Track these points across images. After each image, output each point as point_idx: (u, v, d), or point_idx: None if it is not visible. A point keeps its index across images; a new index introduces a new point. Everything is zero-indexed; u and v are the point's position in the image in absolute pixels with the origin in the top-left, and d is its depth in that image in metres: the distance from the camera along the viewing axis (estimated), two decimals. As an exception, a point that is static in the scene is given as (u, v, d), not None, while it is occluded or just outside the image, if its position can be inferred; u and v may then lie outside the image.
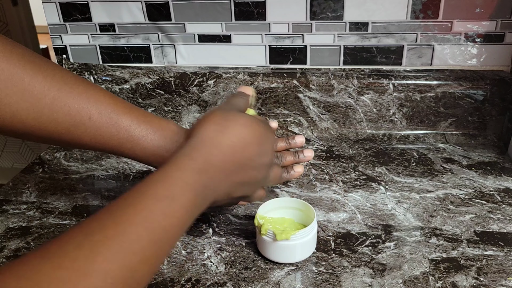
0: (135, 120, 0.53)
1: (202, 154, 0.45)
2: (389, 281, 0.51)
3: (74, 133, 0.51)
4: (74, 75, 0.53)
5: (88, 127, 0.51)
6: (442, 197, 0.65)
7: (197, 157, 0.44)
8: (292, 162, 0.60)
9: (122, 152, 0.54)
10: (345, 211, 0.63)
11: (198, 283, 0.52)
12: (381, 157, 0.76)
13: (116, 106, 0.53)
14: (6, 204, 0.67)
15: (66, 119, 0.50)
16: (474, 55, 0.79)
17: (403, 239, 0.57)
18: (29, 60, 0.48)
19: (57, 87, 0.49)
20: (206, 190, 0.44)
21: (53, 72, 0.50)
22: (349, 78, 0.80)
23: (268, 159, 0.52)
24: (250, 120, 0.50)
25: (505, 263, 0.53)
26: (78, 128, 0.51)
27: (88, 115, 0.51)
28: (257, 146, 0.49)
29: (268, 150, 0.52)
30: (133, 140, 0.53)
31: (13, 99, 0.47)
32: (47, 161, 0.79)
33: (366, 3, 0.77)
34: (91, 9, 0.84)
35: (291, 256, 0.53)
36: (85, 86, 0.52)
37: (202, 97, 0.84)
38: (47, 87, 0.48)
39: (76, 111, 0.50)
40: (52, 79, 0.49)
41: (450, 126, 0.80)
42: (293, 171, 0.59)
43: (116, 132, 0.52)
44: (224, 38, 0.83)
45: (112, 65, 0.88)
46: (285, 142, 0.61)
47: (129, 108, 0.54)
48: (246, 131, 0.48)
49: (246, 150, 0.48)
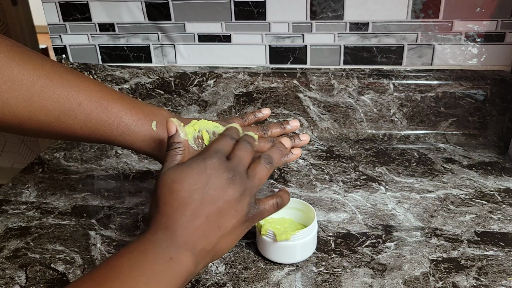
0: (125, 106, 0.53)
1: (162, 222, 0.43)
2: (389, 282, 0.50)
3: (65, 121, 0.51)
4: (63, 65, 0.53)
5: (78, 114, 0.51)
6: (442, 197, 0.65)
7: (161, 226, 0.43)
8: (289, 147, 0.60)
9: (114, 139, 0.54)
10: (345, 211, 0.63)
11: (198, 283, 0.51)
12: (381, 157, 0.76)
13: (106, 93, 0.53)
14: (5, 204, 0.67)
15: (56, 106, 0.50)
16: (474, 55, 0.79)
17: (404, 239, 0.57)
18: (18, 51, 0.49)
19: (46, 76, 0.50)
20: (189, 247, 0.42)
21: (42, 62, 0.50)
22: (349, 78, 0.80)
23: (223, 181, 0.45)
24: (182, 169, 0.45)
25: (506, 263, 0.53)
26: (68, 115, 0.51)
27: (77, 102, 0.51)
28: (196, 182, 0.44)
29: (217, 178, 0.45)
30: (124, 126, 0.53)
31: (3, 88, 0.47)
32: (47, 161, 0.79)
33: (367, 3, 0.77)
34: (90, 8, 0.84)
35: (291, 257, 0.53)
36: (75, 75, 0.52)
37: (202, 97, 0.84)
38: (36, 76, 0.49)
39: (66, 98, 0.50)
40: (42, 68, 0.50)
41: (451, 126, 0.80)
42: (291, 154, 0.58)
43: (107, 118, 0.52)
44: (224, 38, 0.83)
45: (112, 65, 0.87)
46: (279, 127, 0.61)
47: (120, 95, 0.54)
48: (179, 183, 0.44)
49: (191, 192, 0.44)
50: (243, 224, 0.46)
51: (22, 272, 0.54)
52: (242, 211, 0.45)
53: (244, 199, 0.45)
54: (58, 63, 0.53)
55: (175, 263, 0.41)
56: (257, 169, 0.48)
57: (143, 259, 0.40)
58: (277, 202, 0.48)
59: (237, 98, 0.83)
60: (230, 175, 0.45)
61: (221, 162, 0.45)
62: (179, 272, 0.41)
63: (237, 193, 0.44)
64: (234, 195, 0.44)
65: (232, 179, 0.45)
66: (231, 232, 0.45)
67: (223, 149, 0.47)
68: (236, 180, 0.45)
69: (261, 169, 0.48)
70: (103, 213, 0.64)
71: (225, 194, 0.44)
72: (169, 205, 0.43)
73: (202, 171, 0.44)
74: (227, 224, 0.44)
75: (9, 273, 0.54)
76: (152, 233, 0.42)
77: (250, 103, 0.83)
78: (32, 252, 0.57)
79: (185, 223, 0.42)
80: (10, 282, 0.53)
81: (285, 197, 0.50)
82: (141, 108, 0.55)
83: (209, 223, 0.43)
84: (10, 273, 0.54)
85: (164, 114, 0.56)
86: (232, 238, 0.45)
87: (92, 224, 0.62)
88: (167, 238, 0.42)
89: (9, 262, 0.56)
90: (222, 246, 0.45)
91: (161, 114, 0.56)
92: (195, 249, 0.42)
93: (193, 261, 0.42)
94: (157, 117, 0.55)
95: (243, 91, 0.83)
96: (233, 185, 0.44)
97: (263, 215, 0.48)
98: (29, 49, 0.51)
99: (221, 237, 0.44)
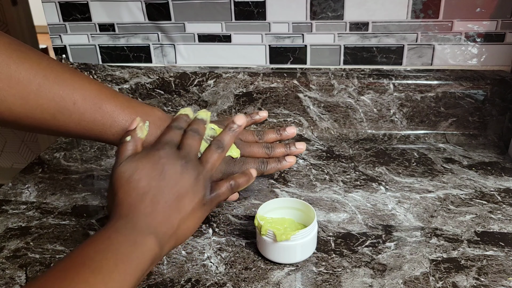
0: (119, 105, 0.54)
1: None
2: (389, 282, 0.50)
3: (59, 119, 0.52)
4: (60, 63, 0.54)
5: (73, 112, 0.52)
6: (442, 197, 0.65)
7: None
8: (283, 154, 0.61)
9: (107, 137, 0.54)
10: (345, 211, 0.63)
11: (198, 283, 0.51)
12: (381, 157, 0.76)
13: (100, 92, 0.54)
14: (5, 204, 0.67)
15: (51, 104, 0.51)
16: (474, 55, 0.79)
17: (404, 239, 0.57)
18: (15, 49, 0.49)
19: (43, 74, 0.50)
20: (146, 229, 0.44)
21: (39, 60, 0.51)
22: (349, 78, 0.80)
23: (172, 168, 0.48)
24: (129, 165, 0.48)
25: (506, 263, 0.53)
26: (63, 114, 0.52)
27: (72, 101, 0.52)
28: (144, 171, 0.47)
29: (168, 167, 0.48)
30: (117, 126, 0.54)
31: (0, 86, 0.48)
32: (47, 161, 0.79)
33: (367, 3, 0.77)
34: (90, 8, 0.84)
35: (291, 257, 0.53)
36: (71, 73, 0.53)
37: (202, 97, 0.84)
38: (33, 74, 0.49)
39: (61, 97, 0.51)
40: (38, 66, 0.50)
41: (451, 126, 0.80)
42: (285, 161, 0.60)
43: (101, 117, 0.53)
44: (224, 38, 0.83)
45: (112, 65, 0.87)
46: (275, 133, 0.62)
47: (114, 94, 0.55)
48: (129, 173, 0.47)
49: (138, 181, 0.46)
50: (202, 207, 0.49)
51: (22, 272, 0.54)
52: (199, 194, 0.48)
53: (199, 183, 0.49)
54: (55, 60, 0.53)
55: (140, 245, 0.42)
56: (208, 155, 0.52)
57: (108, 245, 0.41)
58: (231, 184, 0.52)
59: (237, 98, 0.83)
60: (183, 161, 0.49)
61: (173, 151, 0.49)
62: (145, 254, 0.42)
63: (191, 178, 0.48)
64: (189, 180, 0.48)
65: (185, 165, 0.48)
66: (191, 215, 0.47)
67: (173, 140, 0.51)
68: (189, 166, 0.48)
69: (212, 154, 0.52)
70: (103, 213, 0.64)
71: (181, 179, 0.47)
72: (128, 194, 0.45)
73: (156, 161, 0.48)
74: (186, 207, 0.47)
75: (9, 273, 0.54)
76: (113, 222, 0.44)
77: (250, 103, 0.83)
78: (32, 252, 0.57)
79: (146, 209, 0.44)
80: (10, 282, 0.53)
81: (240, 180, 0.53)
82: (135, 108, 0.55)
83: (168, 207, 0.46)
84: (10, 273, 0.54)
85: (158, 114, 0.57)
86: (193, 222, 0.48)
87: (92, 224, 0.62)
88: (129, 225, 0.43)
89: (9, 262, 0.56)
90: (184, 229, 0.47)
91: (154, 114, 0.56)
92: (158, 233, 0.44)
93: (157, 244, 0.43)
94: (151, 117, 0.56)
95: (243, 91, 0.83)
96: (187, 170, 0.48)
97: (220, 197, 0.51)
98: (26, 46, 0.51)
99: (182, 220, 0.46)
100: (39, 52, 0.53)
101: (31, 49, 0.52)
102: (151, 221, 0.44)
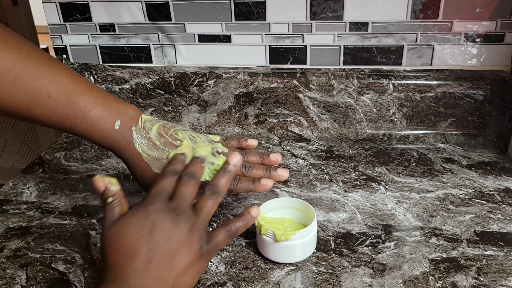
0: (92, 101, 0.53)
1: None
2: (389, 281, 0.51)
3: (33, 110, 0.52)
4: (41, 52, 0.53)
5: (46, 105, 0.52)
6: (442, 197, 0.65)
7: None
8: (260, 176, 0.57)
9: (78, 132, 0.54)
10: (345, 211, 0.63)
11: (198, 283, 0.52)
12: (381, 157, 0.76)
13: (76, 86, 0.53)
14: (6, 204, 0.67)
15: (26, 96, 0.51)
16: (474, 55, 0.79)
17: (403, 239, 0.57)
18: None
19: (21, 65, 0.50)
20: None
21: (19, 50, 0.51)
22: (349, 78, 0.80)
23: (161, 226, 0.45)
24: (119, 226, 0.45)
25: (505, 263, 0.53)
26: (37, 105, 0.52)
27: (47, 94, 0.52)
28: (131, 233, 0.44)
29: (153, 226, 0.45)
30: (88, 122, 0.53)
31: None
32: (47, 161, 0.79)
33: (366, 3, 0.77)
34: (91, 9, 0.84)
35: (291, 256, 0.53)
36: (49, 65, 0.53)
37: (202, 97, 0.84)
38: (11, 64, 0.50)
39: (36, 89, 0.51)
40: (18, 56, 0.50)
41: (450, 126, 0.80)
42: (259, 183, 0.56)
43: (72, 112, 0.53)
44: (224, 38, 0.83)
45: (112, 65, 0.88)
46: (258, 157, 0.59)
47: (90, 89, 0.54)
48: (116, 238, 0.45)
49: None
50: (199, 259, 0.45)
51: (23, 272, 0.54)
52: (194, 247, 0.45)
53: (194, 235, 0.45)
54: (36, 50, 0.53)
55: None
56: (202, 202, 0.47)
57: None
58: (228, 231, 0.48)
59: (237, 98, 0.83)
60: (174, 215, 0.45)
61: (162, 205, 0.46)
62: None
63: (184, 231, 0.44)
64: (181, 234, 0.44)
65: (176, 218, 0.45)
66: (188, 270, 0.44)
67: (164, 190, 0.48)
68: (180, 219, 0.45)
69: (206, 202, 0.48)
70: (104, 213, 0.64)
71: (172, 235, 0.44)
72: (115, 257, 0.43)
73: (144, 218, 0.44)
74: (181, 262, 0.44)
75: (10, 273, 0.54)
76: (104, 286, 0.42)
77: (250, 103, 0.83)
78: (32, 252, 0.57)
79: (136, 270, 0.42)
80: (11, 282, 0.53)
81: (237, 225, 0.48)
82: (107, 103, 0.54)
83: (161, 266, 0.43)
84: (10, 272, 0.54)
85: (131, 113, 0.55)
86: (191, 276, 0.45)
87: (93, 224, 0.62)
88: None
89: (9, 261, 0.56)
90: (181, 285, 0.44)
91: (127, 113, 0.55)
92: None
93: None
94: (123, 116, 0.54)
95: (243, 91, 0.83)
96: (179, 224, 0.45)
97: (218, 246, 0.47)
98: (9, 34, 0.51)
99: (177, 277, 0.43)
100: (23, 40, 0.52)
101: (13, 37, 0.51)
102: (143, 282, 0.42)
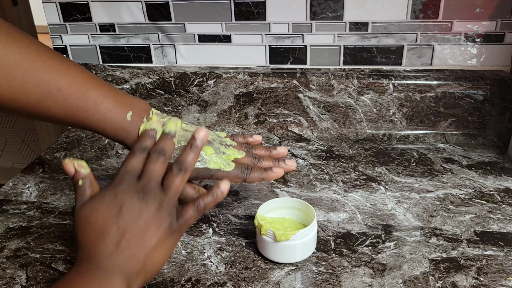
0: (103, 94, 0.54)
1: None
2: (389, 281, 0.51)
3: (44, 104, 0.52)
4: (51, 49, 0.54)
5: (57, 98, 0.52)
6: (442, 197, 0.65)
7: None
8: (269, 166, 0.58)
9: (90, 125, 0.54)
10: (345, 211, 0.63)
11: (198, 283, 0.52)
12: (381, 157, 0.76)
13: (86, 79, 0.54)
14: (6, 204, 0.67)
15: (36, 89, 0.51)
16: (474, 55, 0.79)
17: (403, 239, 0.57)
18: (6, 33, 0.50)
19: (31, 59, 0.50)
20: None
21: (28, 45, 0.51)
22: (349, 78, 0.80)
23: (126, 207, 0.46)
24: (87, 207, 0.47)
25: (505, 263, 0.53)
26: (47, 98, 0.52)
27: (57, 87, 0.52)
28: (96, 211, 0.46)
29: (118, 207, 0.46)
30: (100, 113, 0.53)
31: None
32: (47, 161, 0.79)
33: (366, 3, 0.77)
34: (91, 9, 0.84)
35: (291, 256, 0.53)
36: (59, 60, 0.53)
37: (202, 97, 0.84)
38: (20, 58, 0.50)
39: (46, 83, 0.51)
40: (27, 51, 0.50)
41: (450, 126, 0.80)
42: (271, 171, 0.57)
43: (84, 104, 0.53)
44: (224, 38, 0.84)
45: (112, 65, 0.88)
46: (265, 150, 0.61)
47: (100, 83, 0.55)
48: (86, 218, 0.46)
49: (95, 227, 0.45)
50: (170, 236, 0.46)
51: (23, 272, 0.54)
52: (163, 225, 0.46)
53: (162, 213, 0.46)
54: (45, 46, 0.53)
55: (106, 287, 0.41)
56: (170, 180, 0.48)
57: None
58: (197, 206, 0.48)
59: (237, 98, 0.83)
60: (141, 194, 0.46)
61: (130, 185, 0.47)
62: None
63: (152, 210, 0.45)
64: (149, 212, 0.45)
65: (144, 197, 0.46)
66: (159, 247, 0.45)
67: (133, 169, 0.48)
68: (148, 198, 0.46)
69: (174, 179, 0.48)
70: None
71: (140, 213, 0.45)
72: (86, 237, 0.44)
73: (113, 198, 0.46)
74: (151, 240, 0.45)
75: (10, 273, 0.54)
76: (77, 266, 0.43)
77: (250, 103, 0.83)
78: (32, 252, 0.57)
79: (106, 250, 0.43)
80: (11, 282, 0.53)
81: (206, 200, 0.48)
82: (119, 97, 0.55)
83: (131, 244, 0.44)
84: (10, 272, 0.54)
85: (142, 106, 0.56)
86: (162, 253, 0.46)
87: (93, 224, 0.62)
88: (93, 267, 0.42)
89: (9, 261, 0.56)
90: (153, 262, 0.45)
91: (139, 106, 0.55)
92: (123, 272, 0.43)
93: (124, 283, 0.42)
94: (135, 108, 0.55)
95: (243, 91, 0.83)
96: (146, 203, 0.46)
97: (188, 222, 0.47)
98: (18, 31, 0.51)
99: (148, 254, 0.44)
100: (31, 37, 0.53)
101: (22, 34, 0.52)
102: (115, 261, 0.43)
